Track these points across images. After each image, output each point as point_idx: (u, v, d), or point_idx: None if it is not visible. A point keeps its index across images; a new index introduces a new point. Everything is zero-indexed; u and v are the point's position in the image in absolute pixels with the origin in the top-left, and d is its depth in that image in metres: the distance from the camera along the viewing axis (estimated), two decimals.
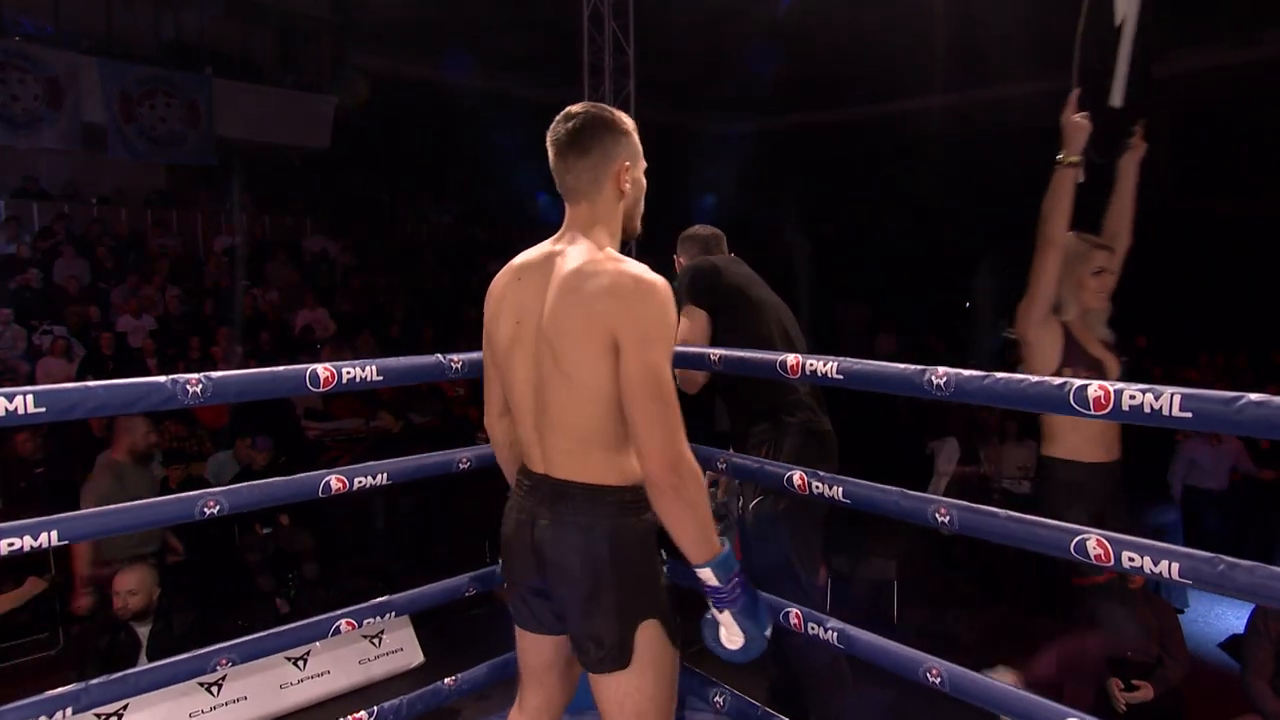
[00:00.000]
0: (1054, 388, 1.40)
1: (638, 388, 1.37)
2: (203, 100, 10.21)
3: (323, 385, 1.75)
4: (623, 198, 1.54)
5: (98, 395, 1.45)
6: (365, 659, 3.62)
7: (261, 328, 8.44)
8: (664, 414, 1.37)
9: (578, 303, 1.41)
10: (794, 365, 1.86)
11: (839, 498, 1.86)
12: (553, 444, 1.47)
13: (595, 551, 1.43)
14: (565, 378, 1.42)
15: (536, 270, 1.52)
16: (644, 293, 1.40)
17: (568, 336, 1.41)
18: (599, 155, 1.51)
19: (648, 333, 1.38)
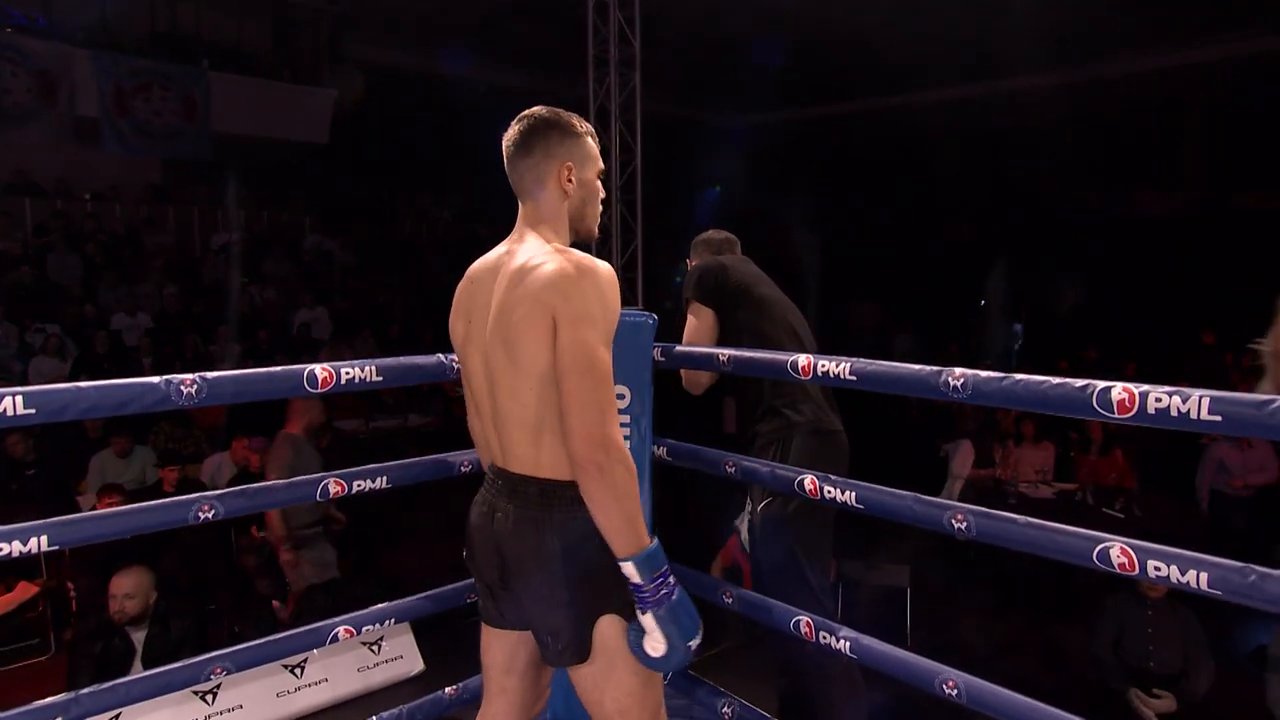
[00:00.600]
0: (1076, 390, 1.38)
1: (568, 364, 1.40)
2: (198, 93, 10.21)
3: (321, 386, 1.75)
4: (567, 198, 1.60)
5: (89, 396, 1.45)
6: (364, 666, 3.62)
7: (259, 326, 8.46)
8: (594, 391, 1.39)
9: (523, 294, 1.45)
10: (805, 366, 1.85)
11: (851, 502, 1.85)
12: (507, 437, 1.52)
13: (548, 545, 1.46)
14: (515, 370, 1.46)
15: (487, 273, 1.59)
16: (583, 275, 1.45)
17: (515, 328, 1.46)
18: (541, 154, 1.58)
19: (581, 312, 1.42)
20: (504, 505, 1.51)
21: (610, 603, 1.48)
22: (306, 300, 9.13)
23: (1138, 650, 3.28)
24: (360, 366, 1.81)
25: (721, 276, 2.49)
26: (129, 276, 8.82)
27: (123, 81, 9.72)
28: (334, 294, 9.92)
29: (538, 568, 1.47)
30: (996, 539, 1.60)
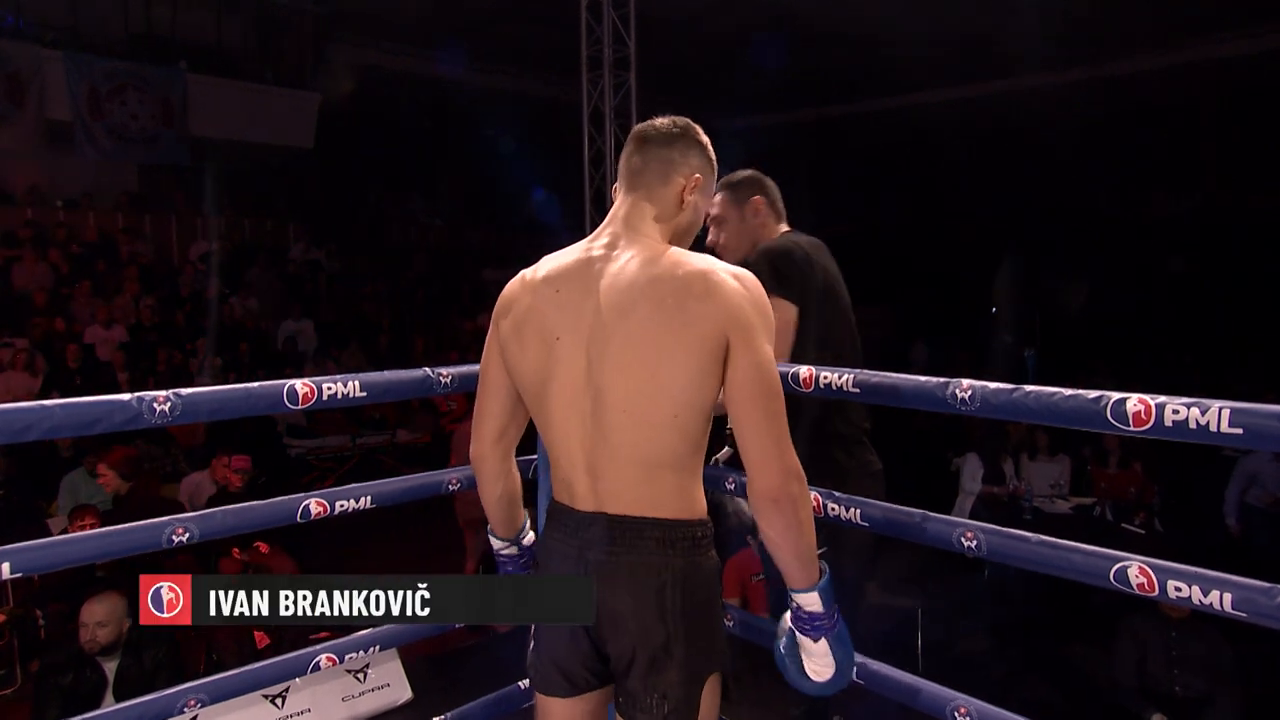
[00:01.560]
0: (1089, 402, 1.37)
1: (752, 388, 1.32)
2: (176, 96, 10.24)
3: (301, 402, 1.73)
4: (681, 210, 1.50)
5: (54, 415, 1.43)
6: (349, 695, 3.60)
7: (240, 339, 8.46)
8: (779, 416, 1.33)
9: (669, 308, 1.34)
10: (807, 378, 1.83)
11: (856, 520, 1.84)
12: (614, 475, 1.38)
13: (668, 597, 1.36)
14: (653, 396, 1.34)
15: (576, 279, 1.42)
16: (745, 286, 1.38)
17: (652, 347, 1.33)
18: (681, 153, 1.50)
19: (757, 327, 1.35)
20: (601, 554, 1.38)
21: (720, 660, 1.42)
22: (291, 312, 9.13)
23: (1161, 674, 3.27)
24: (343, 382, 1.79)
25: (806, 267, 2.13)
26: (103, 288, 8.82)
27: (97, 83, 9.75)
28: (320, 305, 9.93)
29: (651, 625, 1.36)
30: (1008, 558, 1.59)
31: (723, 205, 2.27)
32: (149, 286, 9.16)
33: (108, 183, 10.62)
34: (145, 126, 10.09)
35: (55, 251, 9.15)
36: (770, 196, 2.29)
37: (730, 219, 2.28)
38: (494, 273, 11.74)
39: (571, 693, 1.47)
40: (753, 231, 2.26)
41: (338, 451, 7.27)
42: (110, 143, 9.97)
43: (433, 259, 12.18)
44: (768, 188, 2.30)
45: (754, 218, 2.27)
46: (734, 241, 2.27)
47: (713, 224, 2.28)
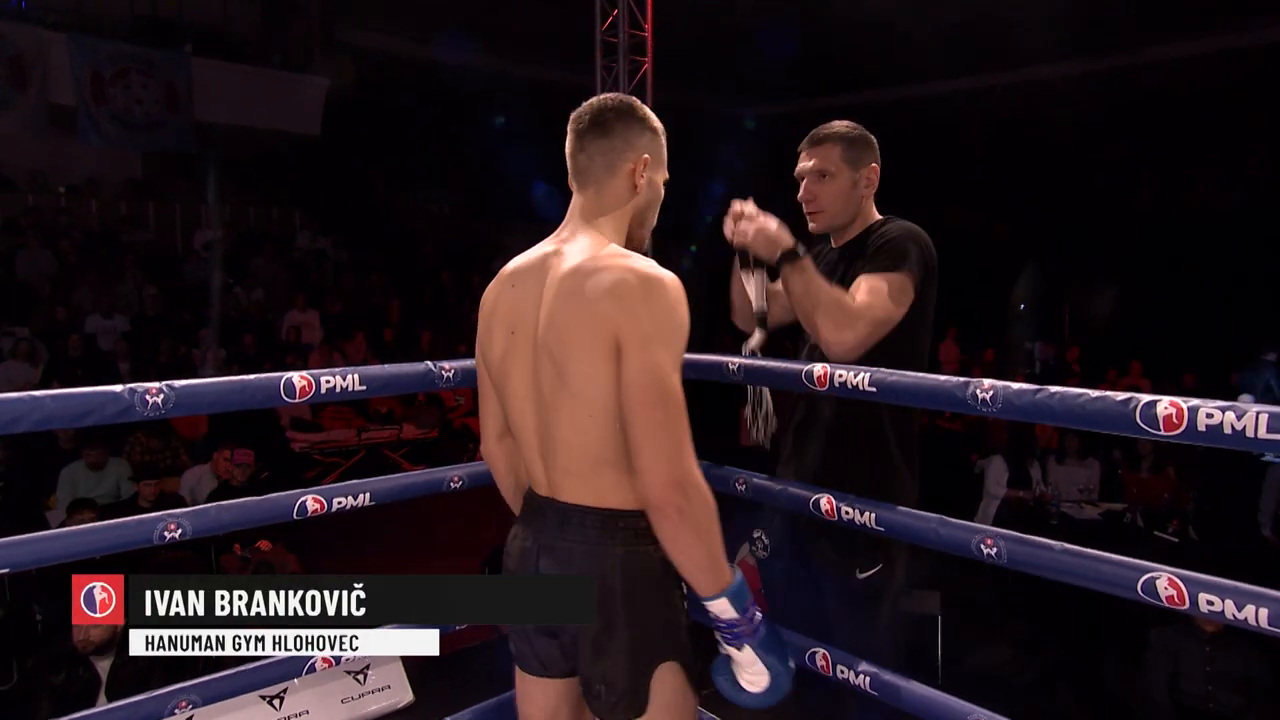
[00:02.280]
0: (1117, 404, 1.35)
1: (637, 393, 1.34)
2: (181, 81, 10.30)
3: (299, 396, 1.73)
4: (635, 194, 1.54)
5: (45, 406, 1.44)
6: (349, 697, 3.61)
7: (245, 329, 8.51)
8: (667, 424, 1.33)
9: (578, 306, 1.39)
10: (821, 376, 1.82)
11: (871, 525, 1.83)
12: (559, 466, 1.45)
13: (607, 584, 1.42)
14: (569, 392, 1.40)
15: (531, 274, 1.50)
16: (649, 289, 1.37)
17: (569, 345, 1.39)
18: (620, 139, 1.52)
19: (651, 332, 1.35)
20: (551, 539, 1.46)
21: (671, 649, 1.45)
22: (296, 302, 9.18)
23: (1194, 690, 3.23)
24: (343, 375, 1.79)
25: (935, 261, 1.99)
26: (105, 276, 8.89)
27: (100, 68, 9.81)
28: (325, 295, 9.97)
29: (596, 610, 1.42)
30: (1029, 566, 1.57)
31: (833, 160, 2.04)
32: (152, 275, 9.23)
33: (111, 169, 10.73)
34: (149, 112, 10.16)
35: (57, 239, 9.24)
36: (873, 176, 2.11)
37: (840, 178, 2.05)
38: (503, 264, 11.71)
39: (543, 673, 1.55)
40: (858, 202, 2.07)
41: (342, 446, 7.31)
42: (114, 128, 10.04)
43: (441, 249, 12.22)
44: (879, 157, 2.12)
45: (867, 187, 2.08)
46: (836, 204, 2.05)
47: (811, 177, 2.06)
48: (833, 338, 1.84)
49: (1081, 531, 4.95)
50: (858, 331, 1.83)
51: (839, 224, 2.10)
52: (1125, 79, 11.26)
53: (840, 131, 2.06)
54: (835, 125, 2.07)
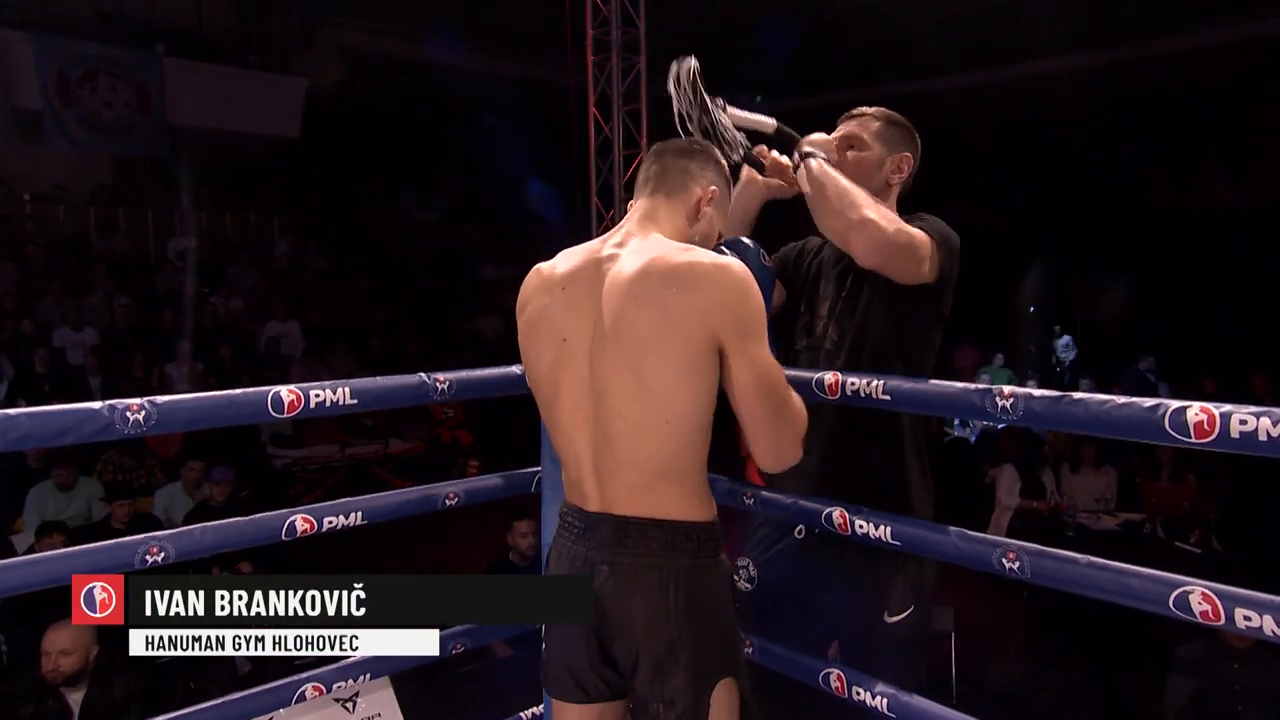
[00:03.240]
0: (1145, 410, 1.35)
1: (755, 391, 1.42)
2: (152, 82, 10.29)
3: (287, 410, 1.73)
4: (696, 220, 1.59)
5: (20, 425, 1.43)
6: None
7: (222, 342, 8.49)
8: (787, 409, 1.45)
9: (655, 305, 1.40)
10: (832, 384, 1.82)
11: (887, 539, 1.82)
12: (618, 479, 1.47)
13: (672, 599, 1.43)
14: (646, 401, 1.41)
15: (584, 278, 1.50)
16: (728, 278, 1.41)
17: (644, 347, 1.40)
18: (701, 165, 1.60)
19: (746, 325, 1.41)
20: (607, 555, 1.46)
21: (729, 664, 1.47)
22: (275, 312, 9.16)
23: (1224, 711, 3.22)
24: (332, 388, 1.79)
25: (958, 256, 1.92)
26: (74, 287, 8.86)
27: (67, 69, 9.78)
28: (306, 305, 9.96)
29: (655, 627, 1.43)
30: (1054, 581, 1.56)
31: (868, 131, 1.99)
32: (123, 286, 9.20)
33: (79, 175, 10.70)
34: (119, 115, 10.14)
35: (23, 248, 9.20)
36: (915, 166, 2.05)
37: (870, 153, 1.98)
38: (493, 270, 11.75)
39: (584, 699, 1.54)
40: (881, 186, 1.97)
41: (326, 462, 7.28)
42: (82, 132, 10.02)
43: (428, 256, 12.21)
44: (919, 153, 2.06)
45: (895, 174, 2.00)
46: (856, 176, 1.90)
47: (840, 142, 1.98)
48: (860, 216, 1.73)
49: (1100, 543, 4.95)
50: (890, 225, 1.75)
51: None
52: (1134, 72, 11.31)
53: (885, 111, 2.04)
54: (880, 108, 2.04)
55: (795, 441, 1.47)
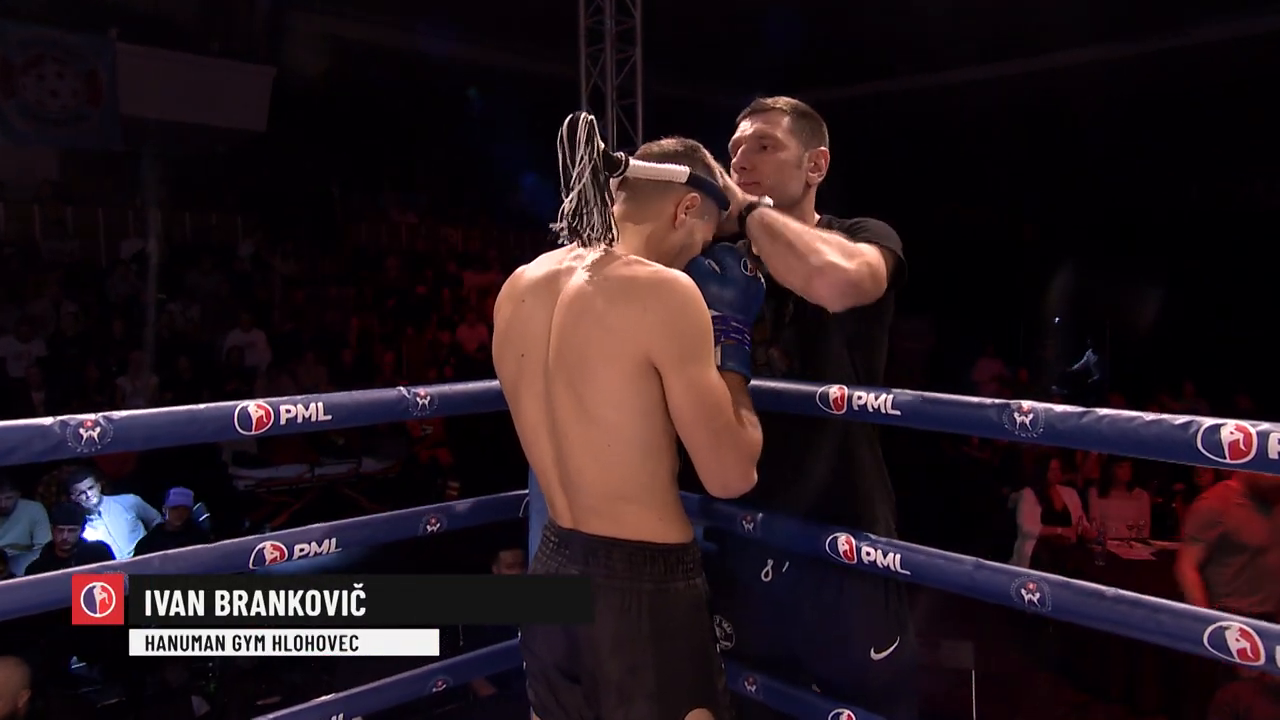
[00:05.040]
0: (1175, 429, 1.36)
1: (692, 416, 1.44)
2: (105, 69, 10.24)
3: (255, 427, 1.73)
4: (673, 228, 1.62)
5: None
6: None
7: (180, 352, 8.47)
8: (730, 435, 1.46)
9: (593, 322, 1.45)
10: (838, 399, 1.82)
11: (895, 568, 1.82)
12: (578, 499, 1.53)
13: (634, 621, 1.48)
14: (588, 420, 1.47)
15: (542, 291, 1.56)
16: (665, 292, 1.44)
17: (585, 367, 1.45)
18: (679, 165, 1.61)
19: (685, 345, 1.43)
20: (575, 573, 1.53)
21: (701, 695, 1.50)
22: (239, 320, 9.15)
23: None
24: (305, 404, 1.79)
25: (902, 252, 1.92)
26: (17, 293, 8.84)
27: (10, 54, 9.74)
28: (273, 312, 9.95)
29: (621, 651, 1.48)
30: (1078, 615, 1.57)
31: (780, 128, 1.99)
32: (72, 291, 9.18)
33: (23, 171, 10.62)
34: (67, 105, 10.09)
35: None
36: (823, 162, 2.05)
37: (785, 151, 1.98)
38: (477, 276, 11.76)
39: (564, 719, 1.62)
40: (800, 186, 2.00)
41: (293, 484, 7.27)
42: (25, 124, 9.98)
43: (406, 260, 12.21)
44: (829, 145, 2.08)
45: (814, 171, 2.02)
46: (776, 179, 1.96)
47: (750, 143, 2.00)
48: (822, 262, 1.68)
49: (1131, 574, 4.95)
50: (852, 263, 1.71)
51: (774, 198, 1.97)
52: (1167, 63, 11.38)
53: (791, 102, 2.03)
54: (783, 98, 2.04)
55: (741, 468, 1.49)
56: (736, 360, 1.61)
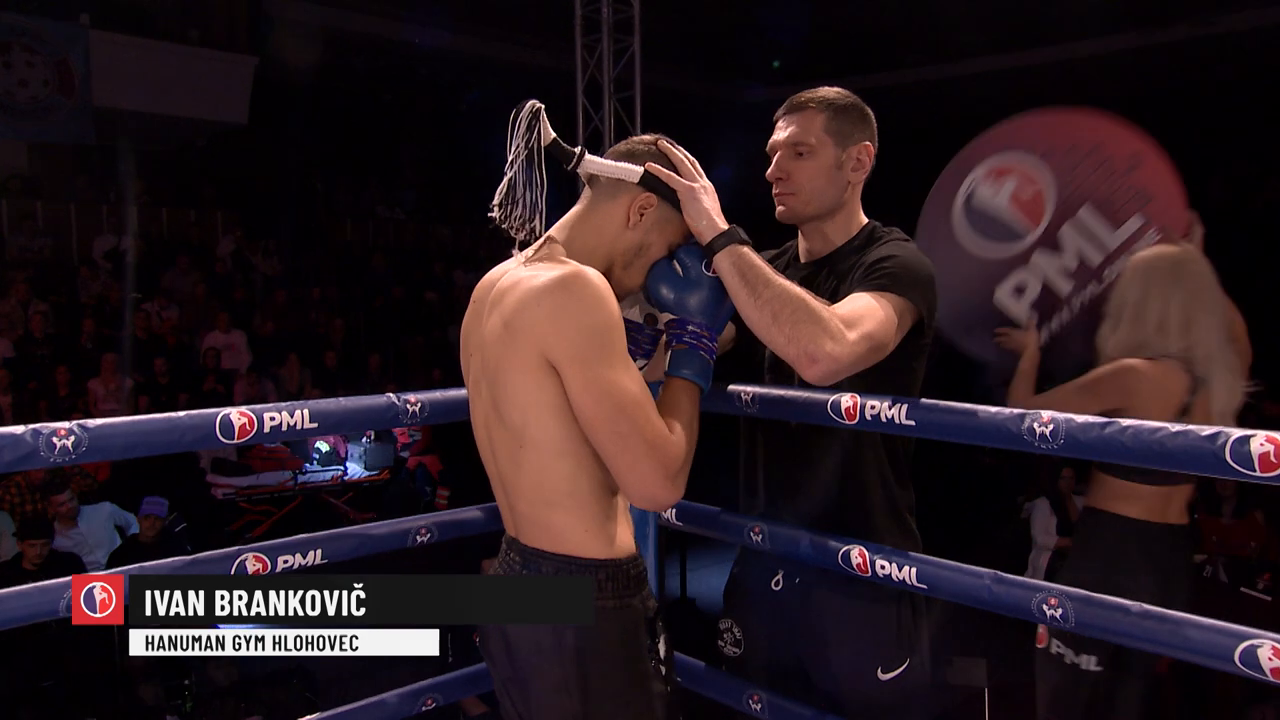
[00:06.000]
0: (1202, 440, 1.36)
1: (592, 416, 1.43)
2: (77, 58, 10.20)
3: (238, 436, 1.74)
4: (626, 230, 1.63)
5: None
6: None
7: (157, 354, 8.47)
8: (636, 435, 1.44)
9: (501, 323, 1.48)
10: (850, 408, 1.82)
11: (912, 581, 1.83)
12: (515, 508, 1.57)
13: (560, 639, 1.48)
14: (503, 425, 1.51)
15: (486, 294, 1.60)
16: (565, 288, 1.44)
17: (498, 372, 1.49)
18: (635, 165, 1.63)
19: (581, 345, 1.43)
20: None
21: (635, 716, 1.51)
22: (218, 321, 9.15)
23: None
24: (289, 410, 1.79)
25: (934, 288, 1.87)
26: None
27: None
28: (253, 313, 9.94)
29: (547, 665, 1.49)
30: (1102, 631, 1.58)
31: (814, 131, 1.91)
32: (42, 291, 9.17)
33: None
34: (37, 95, 10.04)
35: None
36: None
37: (821, 155, 1.91)
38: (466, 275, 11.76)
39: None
40: (842, 188, 1.94)
41: (275, 492, 7.26)
42: None
43: (393, 259, 12.21)
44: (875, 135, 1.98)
45: (856, 170, 1.94)
46: (814, 187, 1.92)
47: (785, 151, 1.94)
48: (815, 347, 1.60)
49: None
50: (847, 346, 1.63)
51: (813, 213, 1.96)
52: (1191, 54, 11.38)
53: (827, 98, 1.93)
54: (822, 91, 1.96)
55: (659, 478, 1.45)
56: (691, 367, 1.60)
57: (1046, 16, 10.67)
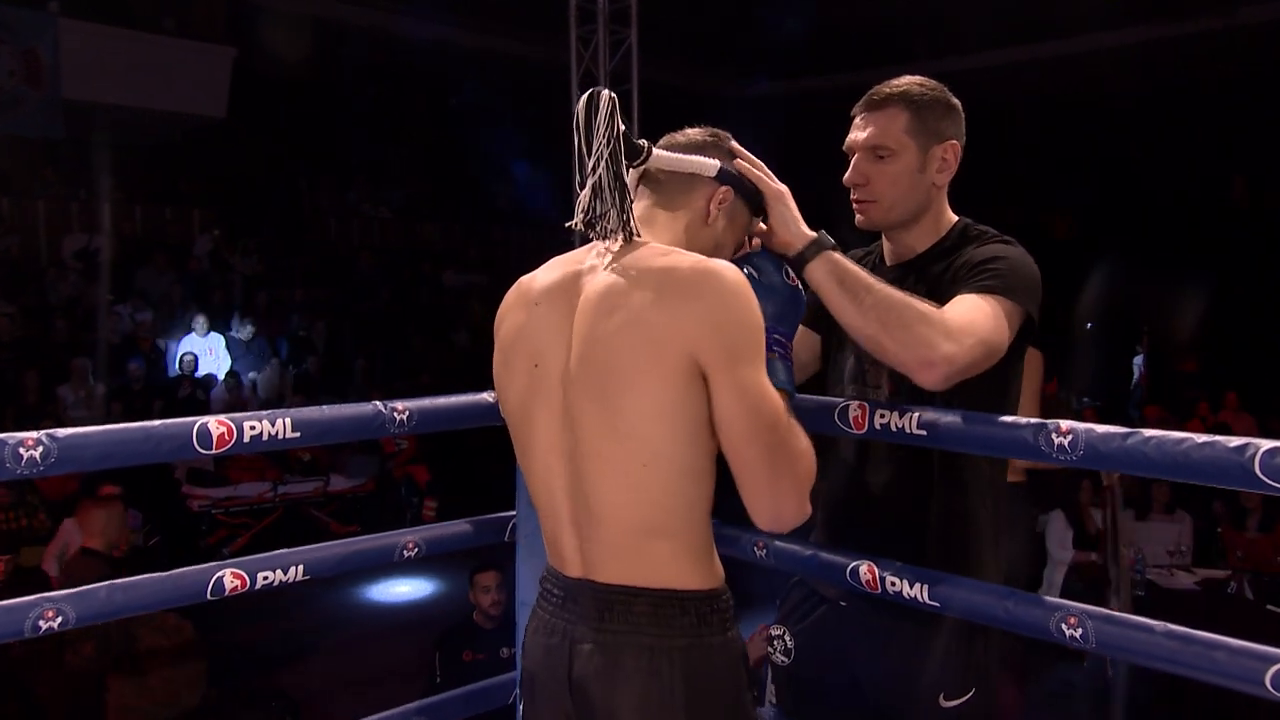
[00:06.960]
0: (1229, 451, 1.36)
1: (744, 427, 1.35)
2: (45, 49, 10.18)
3: (217, 446, 1.72)
4: (705, 224, 1.57)
5: None
6: None
7: (130, 359, 8.45)
8: (786, 456, 1.37)
9: (626, 321, 1.36)
10: (859, 417, 1.82)
11: (924, 599, 1.82)
12: (598, 538, 1.42)
13: (666, 686, 1.38)
14: (618, 437, 1.37)
15: (561, 293, 1.47)
16: (713, 285, 1.36)
17: (618, 374, 1.36)
18: (713, 158, 1.57)
19: (735, 342, 1.34)
20: (588, 634, 1.42)
21: None
22: (195, 324, 9.14)
23: None
24: (270, 420, 1.78)
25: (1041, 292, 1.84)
26: None
27: None
28: (233, 316, 9.93)
29: (646, 718, 1.38)
30: (1124, 652, 1.57)
31: (895, 132, 1.85)
32: (9, 291, 9.16)
33: None
34: (3, 86, 10.01)
35: None
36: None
37: (904, 157, 1.86)
38: (456, 276, 11.76)
39: None
40: (926, 191, 1.89)
41: (254, 504, 7.25)
42: None
43: (379, 259, 12.21)
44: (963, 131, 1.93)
45: (941, 171, 1.90)
46: (896, 192, 1.87)
47: (863, 154, 1.88)
48: (931, 351, 1.60)
49: (1174, 604, 4.96)
50: (965, 348, 1.62)
51: (895, 220, 1.92)
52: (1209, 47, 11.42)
53: (909, 92, 1.87)
54: (904, 83, 1.89)
55: (797, 495, 1.39)
56: (781, 376, 1.52)
57: (1059, 8, 10.70)
